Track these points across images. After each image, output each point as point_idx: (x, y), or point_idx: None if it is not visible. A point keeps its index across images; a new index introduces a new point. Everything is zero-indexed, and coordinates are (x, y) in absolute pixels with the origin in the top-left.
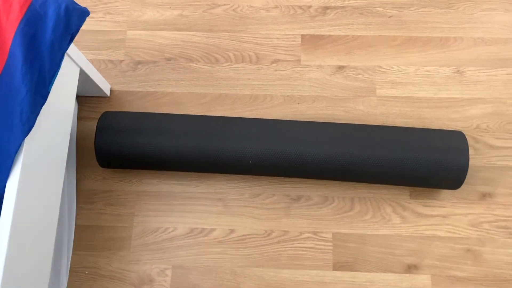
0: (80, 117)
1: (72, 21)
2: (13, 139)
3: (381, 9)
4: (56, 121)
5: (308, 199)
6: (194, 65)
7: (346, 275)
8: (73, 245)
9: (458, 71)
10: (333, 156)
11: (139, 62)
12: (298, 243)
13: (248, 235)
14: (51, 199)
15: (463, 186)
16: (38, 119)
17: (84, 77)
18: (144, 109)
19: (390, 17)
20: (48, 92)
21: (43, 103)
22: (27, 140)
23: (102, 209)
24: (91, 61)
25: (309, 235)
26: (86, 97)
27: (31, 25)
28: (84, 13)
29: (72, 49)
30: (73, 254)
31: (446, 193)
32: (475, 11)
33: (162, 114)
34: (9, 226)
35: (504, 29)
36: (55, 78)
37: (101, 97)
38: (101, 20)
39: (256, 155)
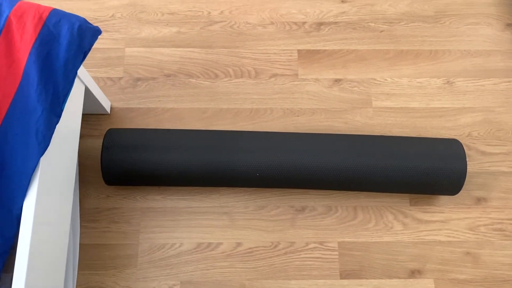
0: (81, 135)
1: (85, 40)
2: (29, 159)
3: (373, 24)
4: (66, 139)
5: (312, 210)
6: (194, 80)
7: (353, 283)
8: (78, 265)
9: (448, 82)
10: (335, 166)
11: (138, 79)
12: (305, 254)
13: (255, 247)
14: (63, 218)
15: (460, 191)
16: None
17: (86, 95)
18: (146, 126)
19: (381, 31)
20: (62, 111)
21: (58, 122)
22: (42, 159)
23: (106, 227)
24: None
25: (315, 245)
26: (87, 115)
27: (45, 44)
28: (96, 32)
29: None
30: (78, 274)
31: (443, 199)
32: (460, 25)
33: (167, 130)
34: (28, 247)
35: (487, 41)
36: (68, 96)
37: (101, 115)
38: (99, 38)
39: (263, 168)
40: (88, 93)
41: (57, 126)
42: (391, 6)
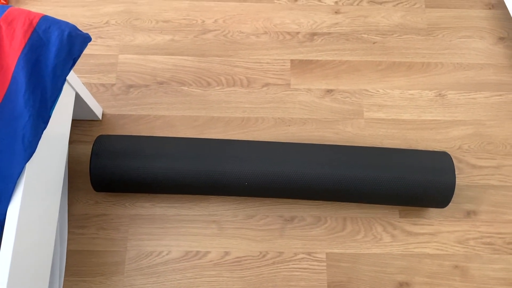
0: (72, 140)
1: (75, 46)
2: (15, 164)
3: (365, 36)
4: (54, 145)
5: (301, 220)
6: (186, 88)
7: None
8: (65, 271)
9: (439, 94)
10: (325, 177)
11: (131, 86)
12: (293, 264)
13: (243, 257)
14: (49, 224)
15: (449, 204)
16: (38, 144)
17: (77, 101)
18: (137, 133)
19: (374, 43)
20: (50, 117)
21: (45, 128)
22: (28, 164)
23: (94, 233)
24: (83, 84)
25: (304, 255)
26: (78, 121)
27: (34, 50)
28: (86, 39)
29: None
30: (65, 280)
31: (433, 211)
32: (453, 38)
33: (157, 137)
34: (10, 253)
35: (479, 55)
36: (56, 103)
37: (92, 121)
38: (92, 44)
39: (252, 177)
40: (79, 99)
41: (46, 131)
42: (384, 18)
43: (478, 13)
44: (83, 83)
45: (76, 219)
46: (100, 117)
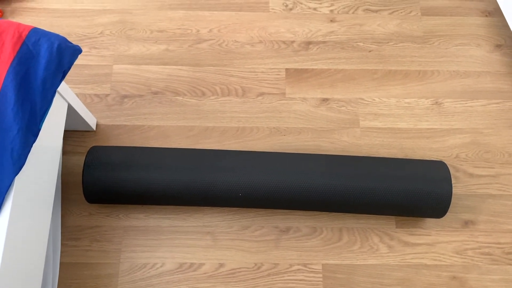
0: (66, 151)
1: (65, 59)
2: (3, 178)
3: (361, 44)
4: (45, 156)
5: (297, 231)
6: (181, 98)
7: None
8: (58, 284)
9: (436, 102)
10: (321, 187)
11: (125, 96)
12: (288, 276)
13: (238, 268)
14: (39, 236)
15: (446, 214)
16: (28, 156)
17: (70, 112)
18: (131, 143)
19: (370, 51)
20: (39, 130)
21: (34, 141)
22: (17, 178)
23: (88, 245)
24: (77, 95)
25: (299, 267)
26: (72, 131)
27: (23, 63)
28: (76, 51)
29: (61, 85)
30: None
31: (430, 221)
32: (449, 45)
33: (150, 148)
34: None
35: (476, 62)
36: (46, 115)
37: (86, 131)
38: (87, 55)
39: (246, 188)
40: (71, 110)
41: (36, 143)
42: (380, 26)
43: (475, 20)
44: (77, 93)
45: (69, 231)
46: (94, 127)
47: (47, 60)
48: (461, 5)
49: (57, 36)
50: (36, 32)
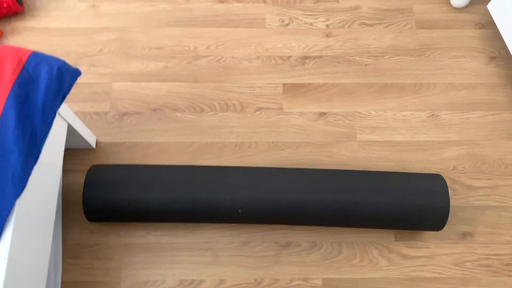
0: (66, 170)
1: (64, 82)
2: (4, 202)
3: (357, 58)
4: (46, 176)
5: (297, 245)
6: (180, 114)
7: None
8: None
9: (432, 115)
10: (319, 202)
11: (124, 114)
12: None
13: (238, 284)
14: (41, 255)
15: (445, 226)
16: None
17: (70, 131)
18: (131, 160)
19: (366, 65)
20: (40, 152)
21: (35, 164)
22: (18, 200)
23: (89, 263)
24: (77, 113)
25: (300, 282)
26: (72, 150)
27: (23, 87)
28: (75, 74)
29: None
30: None
31: (429, 234)
32: (444, 58)
33: (149, 166)
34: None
35: (472, 74)
36: (46, 138)
37: (86, 149)
38: (86, 73)
39: (245, 204)
40: (71, 129)
41: (37, 163)
42: (376, 40)
43: (469, 33)
44: (76, 111)
45: (70, 249)
46: (94, 145)
47: (47, 83)
48: (455, 18)
49: (56, 59)
50: (35, 56)
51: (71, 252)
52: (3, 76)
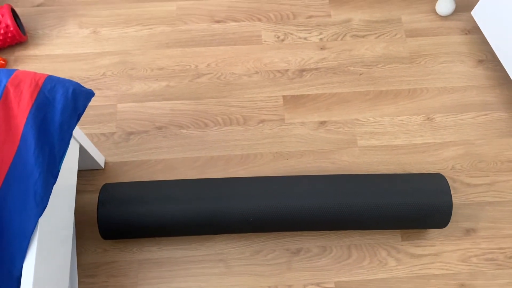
0: (77, 190)
1: (79, 102)
2: (28, 221)
3: (352, 68)
4: (63, 197)
5: (307, 251)
6: (185, 131)
7: None
8: None
9: (428, 118)
10: (327, 207)
11: (131, 133)
12: None
13: None
14: (61, 274)
15: (448, 224)
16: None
17: (81, 152)
18: (139, 178)
19: (361, 74)
20: (59, 171)
21: (55, 183)
22: (40, 219)
23: (105, 281)
24: (85, 135)
25: (313, 286)
26: (81, 171)
27: (41, 109)
28: (89, 94)
29: None
30: None
31: (434, 232)
32: (435, 64)
33: (159, 181)
34: None
35: (461, 78)
36: (64, 157)
37: (95, 170)
38: None
39: (256, 213)
40: (82, 150)
41: (55, 185)
42: (368, 50)
43: (456, 39)
44: (84, 134)
45: (85, 268)
46: (103, 165)
47: (63, 105)
48: (442, 26)
49: (71, 81)
50: (51, 80)
51: (87, 271)
52: (21, 99)
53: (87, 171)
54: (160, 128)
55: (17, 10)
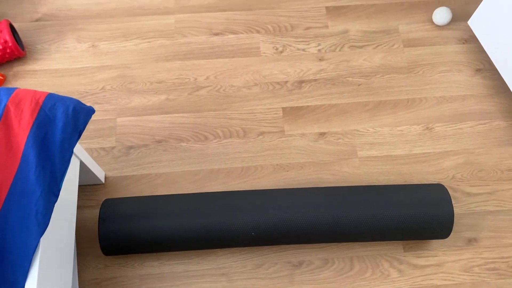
0: (77, 206)
1: (80, 120)
2: (29, 240)
3: (350, 79)
4: (64, 214)
5: (309, 264)
6: (185, 144)
7: None
8: None
9: (427, 128)
10: (328, 219)
11: (130, 147)
12: None
13: None
14: None
15: (450, 234)
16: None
17: (81, 167)
18: (140, 192)
19: (359, 85)
20: (60, 189)
21: (56, 201)
22: (42, 238)
23: None
24: (84, 150)
25: None
26: (82, 186)
27: (42, 128)
28: (90, 111)
29: None
30: None
31: (436, 242)
32: (433, 73)
33: (160, 196)
34: None
35: (460, 87)
36: (65, 175)
37: (96, 185)
38: None
39: (258, 226)
40: (82, 166)
41: (56, 202)
42: (366, 61)
43: (453, 48)
44: (84, 148)
45: (86, 285)
46: (103, 180)
47: (64, 122)
48: (439, 35)
49: (71, 99)
50: (52, 98)
51: (88, 287)
52: (22, 118)
53: (88, 186)
54: (160, 141)
55: (16, 25)
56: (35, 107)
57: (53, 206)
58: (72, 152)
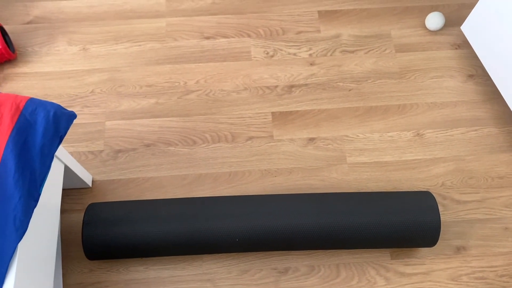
0: (63, 210)
1: (61, 125)
2: (6, 246)
3: (341, 84)
4: (45, 218)
5: (295, 271)
6: (173, 148)
7: None
8: None
9: (418, 134)
10: (314, 226)
11: (119, 151)
12: None
13: None
14: None
15: (438, 241)
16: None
17: (66, 171)
18: (127, 196)
19: (350, 90)
20: (40, 195)
21: (35, 206)
22: (20, 243)
23: None
24: (71, 153)
25: None
26: (68, 190)
27: (21, 133)
28: (71, 117)
29: None
30: None
31: (423, 250)
32: (424, 79)
33: (146, 201)
34: None
35: (451, 93)
36: (45, 180)
37: (83, 188)
38: (79, 114)
39: (242, 233)
40: (68, 170)
41: (37, 205)
42: (357, 66)
43: (446, 53)
44: (71, 152)
45: None
46: (90, 184)
47: (44, 127)
48: (431, 40)
49: (52, 104)
50: (32, 102)
51: None
52: (2, 123)
53: (74, 189)
54: (148, 145)
55: (6, 27)
56: (15, 111)
57: (32, 211)
58: (52, 157)
